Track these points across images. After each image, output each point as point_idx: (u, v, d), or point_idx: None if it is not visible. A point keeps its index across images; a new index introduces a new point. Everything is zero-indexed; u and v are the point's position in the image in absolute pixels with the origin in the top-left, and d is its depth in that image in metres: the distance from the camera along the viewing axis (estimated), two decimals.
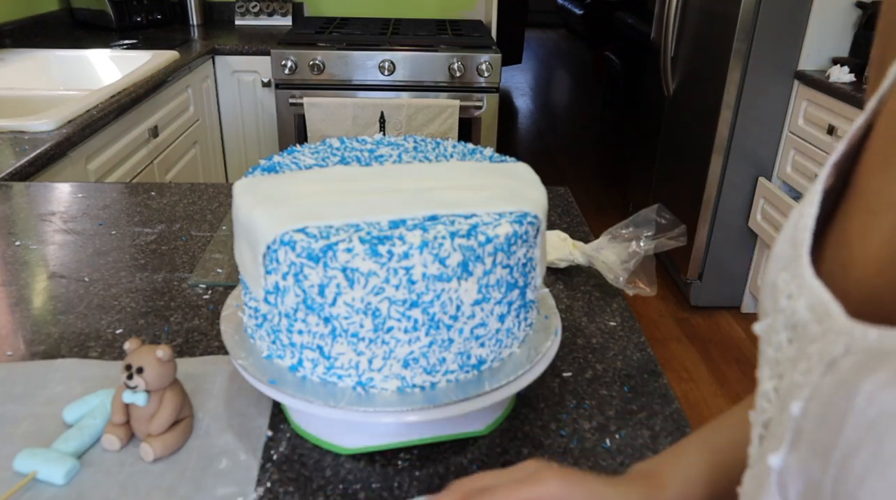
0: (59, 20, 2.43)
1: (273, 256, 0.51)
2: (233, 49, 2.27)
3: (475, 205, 0.54)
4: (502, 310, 0.54)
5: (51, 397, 0.63)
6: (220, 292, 0.82)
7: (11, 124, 1.34)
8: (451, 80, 2.20)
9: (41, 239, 0.95)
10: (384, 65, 2.17)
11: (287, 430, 0.60)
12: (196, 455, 0.57)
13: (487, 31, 2.55)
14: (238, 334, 0.60)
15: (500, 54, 2.19)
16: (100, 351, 0.70)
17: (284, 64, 2.16)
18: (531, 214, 0.54)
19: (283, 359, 0.55)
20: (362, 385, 0.53)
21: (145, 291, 0.82)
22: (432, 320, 0.51)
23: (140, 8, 2.51)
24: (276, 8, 2.74)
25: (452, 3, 2.85)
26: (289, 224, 0.51)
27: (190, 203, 1.07)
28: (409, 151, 0.65)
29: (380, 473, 0.56)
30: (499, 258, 0.52)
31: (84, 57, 2.04)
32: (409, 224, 0.51)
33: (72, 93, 1.64)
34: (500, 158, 0.65)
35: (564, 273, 0.87)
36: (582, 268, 0.88)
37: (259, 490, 0.54)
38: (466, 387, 0.54)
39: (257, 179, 0.58)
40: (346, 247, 0.48)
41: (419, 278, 0.49)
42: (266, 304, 0.54)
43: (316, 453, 0.58)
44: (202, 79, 2.20)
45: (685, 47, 2.46)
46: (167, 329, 0.74)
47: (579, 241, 0.90)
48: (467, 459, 0.58)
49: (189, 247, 0.93)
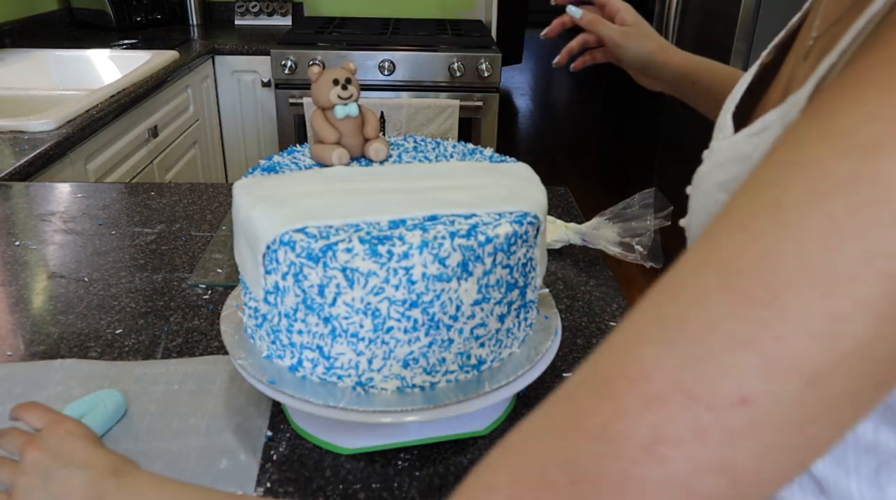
0: (58, 20, 2.43)
1: (273, 256, 0.51)
2: (233, 49, 2.27)
3: (475, 205, 0.54)
4: (502, 310, 0.54)
5: (50, 397, 0.63)
6: (220, 292, 0.82)
7: (11, 124, 1.34)
8: (451, 80, 2.20)
9: (41, 239, 0.95)
10: (384, 65, 2.17)
11: (287, 430, 0.60)
12: (196, 455, 0.57)
13: (487, 31, 2.55)
14: (238, 334, 0.60)
15: (500, 54, 2.19)
16: (99, 351, 0.70)
17: (284, 64, 2.16)
18: (531, 214, 0.54)
19: (283, 359, 0.55)
20: (362, 385, 0.53)
21: (145, 291, 0.82)
22: (432, 320, 0.51)
23: (140, 8, 2.51)
24: (276, 8, 2.73)
25: (452, 3, 2.85)
26: (289, 224, 0.50)
27: (190, 203, 1.07)
28: (409, 151, 0.65)
29: (380, 473, 0.56)
30: (499, 258, 0.52)
31: (84, 57, 2.04)
32: (408, 224, 0.51)
33: (71, 93, 1.64)
34: (500, 158, 0.64)
35: (564, 271, 0.87)
36: (582, 268, 0.88)
37: (259, 490, 0.54)
38: (466, 387, 0.54)
39: (257, 179, 0.58)
40: (345, 247, 0.48)
41: (419, 278, 0.49)
42: (266, 304, 0.54)
43: (316, 453, 0.58)
44: (202, 79, 2.20)
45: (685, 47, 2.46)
46: (167, 329, 0.74)
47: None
48: (467, 459, 0.58)
49: (189, 247, 0.93)
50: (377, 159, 0.62)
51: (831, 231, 0.23)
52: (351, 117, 0.60)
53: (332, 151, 0.60)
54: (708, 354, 0.24)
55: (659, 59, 0.83)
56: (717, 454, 0.24)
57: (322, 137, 0.61)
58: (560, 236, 0.89)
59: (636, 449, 0.25)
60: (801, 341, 0.23)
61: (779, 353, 0.23)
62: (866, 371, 0.24)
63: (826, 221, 0.23)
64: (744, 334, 0.24)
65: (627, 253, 0.85)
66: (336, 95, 0.59)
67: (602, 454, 0.25)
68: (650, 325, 0.27)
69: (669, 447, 0.24)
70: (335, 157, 0.60)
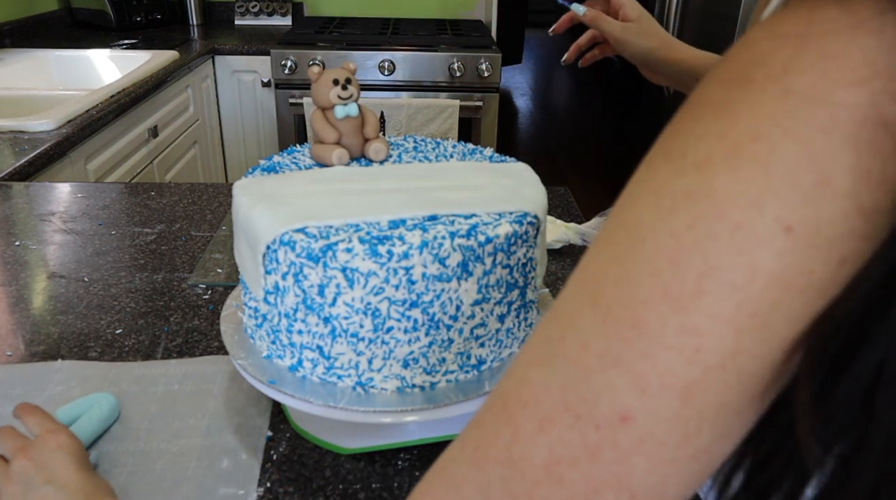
0: (58, 20, 2.43)
1: (273, 256, 0.51)
2: (233, 49, 2.27)
3: (475, 205, 0.54)
4: (502, 310, 0.54)
5: (50, 398, 0.63)
6: (220, 292, 0.82)
7: (11, 124, 1.34)
8: (451, 80, 2.20)
9: (41, 239, 0.95)
10: (384, 65, 2.17)
11: (287, 430, 0.60)
12: (197, 456, 0.57)
13: (487, 31, 2.55)
14: (238, 334, 0.60)
15: (500, 54, 2.19)
16: (99, 351, 0.70)
17: (284, 64, 2.16)
18: (531, 214, 0.54)
19: (283, 359, 0.55)
20: (362, 385, 0.53)
21: (145, 291, 0.82)
22: (432, 320, 0.51)
23: (140, 8, 2.51)
24: (276, 8, 2.73)
25: (452, 3, 2.85)
26: (289, 224, 0.50)
27: (190, 203, 1.07)
28: (409, 151, 0.65)
29: (380, 473, 0.56)
30: (499, 258, 0.52)
31: (84, 57, 2.04)
32: (408, 224, 0.51)
33: (71, 93, 1.64)
34: (500, 158, 0.64)
35: (564, 271, 0.87)
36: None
37: (259, 490, 0.54)
38: (466, 387, 0.54)
39: (257, 179, 0.58)
40: (345, 247, 0.48)
41: (419, 278, 0.49)
42: (266, 304, 0.54)
43: (316, 453, 0.58)
44: (202, 79, 2.20)
45: None
46: (167, 329, 0.74)
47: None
48: None
49: (189, 247, 0.93)
50: (377, 159, 0.62)
51: (674, 247, 0.23)
52: (351, 117, 0.60)
53: (332, 151, 0.60)
54: (585, 374, 0.25)
55: (660, 56, 0.83)
56: (612, 471, 0.25)
57: (322, 137, 0.61)
58: (560, 236, 0.89)
59: (537, 471, 0.26)
60: (664, 357, 0.23)
61: (647, 370, 0.24)
62: (738, 385, 0.24)
63: (669, 237, 0.23)
64: (613, 354, 0.24)
65: None
66: (336, 95, 0.59)
67: (508, 479, 0.26)
68: (538, 347, 0.27)
69: (565, 467, 0.25)
70: (335, 157, 0.60)
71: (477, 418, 0.29)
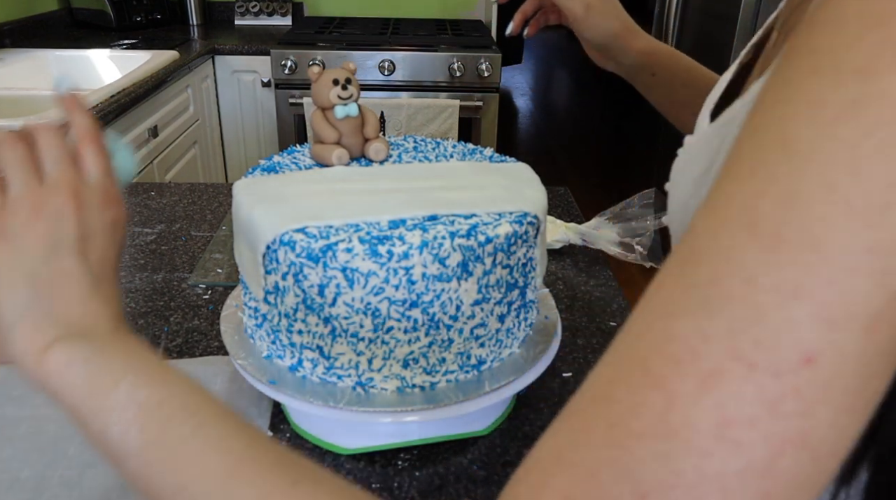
0: (58, 20, 2.43)
1: (273, 256, 0.51)
2: (233, 49, 2.27)
3: (475, 205, 0.54)
4: (502, 310, 0.54)
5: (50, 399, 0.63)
6: (219, 292, 0.82)
7: (11, 124, 1.34)
8: (451, 80, 2.20)
9: None
10: (384, 65, 2.17)
11: (287, 430, 0.60)
12: None
13: (487, 31, 2.55)
14: (238, 334, 0.60)
15: (500, 54, 2.19)
16: None
17: (284, 64, 2.16)
18: (531, 214, 0.54)
19: (283, 359, 0.55)
20: (362, 385, 0.53)
21: (145, 291, 0.82)
22: (432, 320, 0.51)
23: (140, 8, 2.51)
24: (276, 8, 2.73)
25: (452, 3, 2.85)
26: (289, 224, 0.50)
27: (190, 203, 1.07)
28: (409, 151, 0.65)
29: (380, 473, 0.56)
30: (499, 258, 0.52)
31: (84, 57, 2.04)
32: (408, 224, 0.51)
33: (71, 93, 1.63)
34: (500, 158, 0.64)
35: (564, 271, 0.87)
36: (582, 268, 0.88)
37: None
38: (466, 387, 0.54)
39: (257, 179, 0.58)
40: (345, 247, 0.48)
41: (419, 278, 0.49)
42: (266, 304, 0.54)
43: (316, 453, 0.58)
44: (202, 79, 2.20)
45: (685, 47, 2.46)
46: (167, 329, 0.74)
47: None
48: (467, 459, 0.58)
49: (189, 247, 0.93)
50: (377, 159, 0.62)
51: (851, 157, 0.21)
52: (351, 117, 0.60)
53: (332, 151, 0.60)
54: (757, 313, 0.21)
55: (620, 43, 0.78)
56: (795, 426, 0.21)
57: (322, 137, 0.61)
58: (560, 236, 0.89)
59: (705, 438, 0.21)
60: (850, 283, 0.21)
61: (833, 298, 0.21)
62: None
63: (842, 147, 0.21)
64: (790, 284, 0.21)
65: (627, 253, 0.85)
66: (336, 95, 0.59)
67: (667, 454, 0.22)
68: (679, 298, 0.23)
69: (742, 428, 0.21)
70: (335, 157, 0.60)
71: (599, 393, 0.25)
